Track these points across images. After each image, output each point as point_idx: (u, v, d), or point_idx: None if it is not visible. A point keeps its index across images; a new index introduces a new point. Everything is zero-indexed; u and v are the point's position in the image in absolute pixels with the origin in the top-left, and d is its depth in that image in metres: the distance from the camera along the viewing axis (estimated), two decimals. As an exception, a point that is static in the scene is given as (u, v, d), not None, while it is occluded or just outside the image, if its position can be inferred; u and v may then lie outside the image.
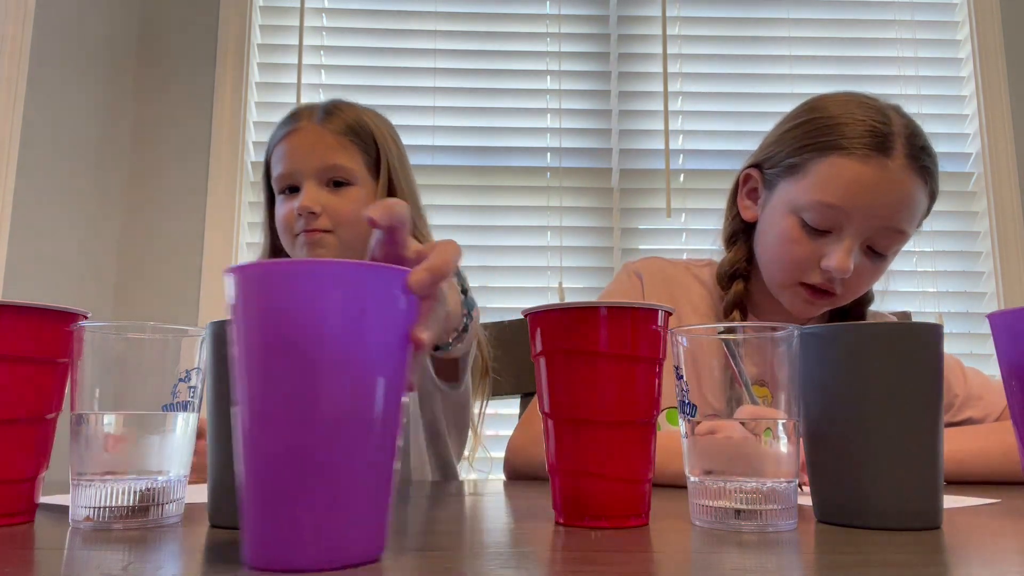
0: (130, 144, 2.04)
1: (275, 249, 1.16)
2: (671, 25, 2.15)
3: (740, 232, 1.05)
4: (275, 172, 1.09)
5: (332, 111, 1.10)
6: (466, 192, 2.07)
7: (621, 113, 2.11)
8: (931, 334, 0.53)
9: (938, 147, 0.93)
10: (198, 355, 0.55)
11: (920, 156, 0.92)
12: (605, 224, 2.09)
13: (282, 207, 1.08)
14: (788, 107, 1.04)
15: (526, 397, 1.29)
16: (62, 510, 0.56)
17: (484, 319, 1.36)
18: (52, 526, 0.51)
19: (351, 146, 1.08)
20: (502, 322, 1.36)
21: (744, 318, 1.02)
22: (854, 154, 0.90)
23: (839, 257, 0.91)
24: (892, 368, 0.52)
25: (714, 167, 2.09)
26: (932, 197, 0.96)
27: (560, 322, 0.53)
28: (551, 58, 2.14)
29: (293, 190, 1.08)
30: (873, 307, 1.15)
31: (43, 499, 0.54)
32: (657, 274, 1.10)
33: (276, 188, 1.10)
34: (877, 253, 0.94)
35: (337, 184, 1.07)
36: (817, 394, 0.54)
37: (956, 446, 0.81)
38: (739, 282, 1.03)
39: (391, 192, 1.11)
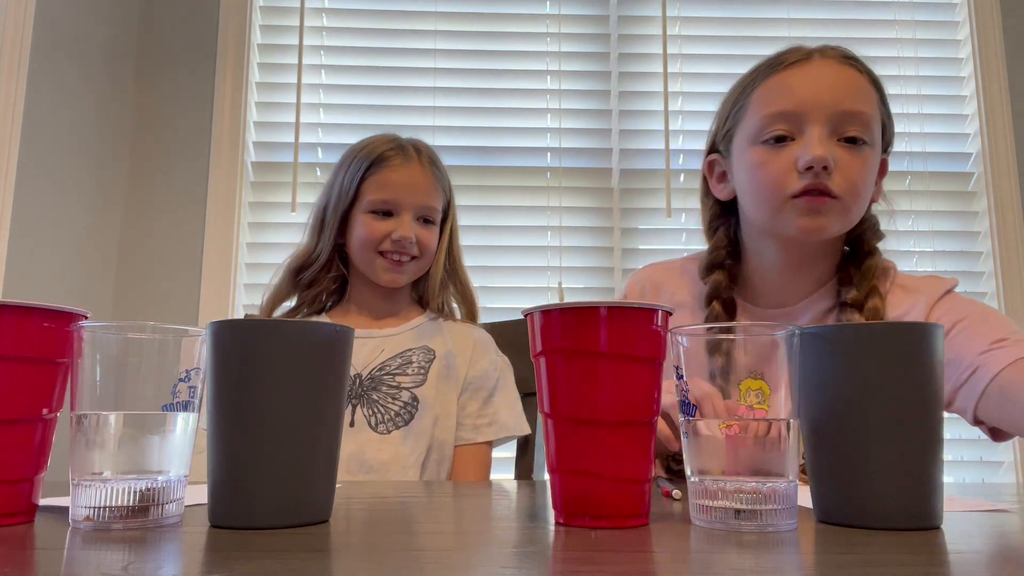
0: (130, 144, 2.04)
1: (313, 251, 1.25)
2: (671, 25, 2.14)
3: (718, 218, 1.07)
4: (374, 195, 1.21)
5: (429, 154, 1.25)
6: (466, 192, 2.07)
7: (621, 113, 2.11)
8: (931, 334, 0.53)
9: (938, 147, 0.92)
10: (198, 355, 0.55)
11: (838, 53, 0.97)
12: (605, 224, 2.09)
13: (376, 224, 1.21)
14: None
15: (526, 397, 1.29)
16: (62, 510, 0.56)
17: (484, 319, 1.37)
18: (52, 526, 0.51)
19: (439, 191, 1.24)
20: (502, 322, 1.36)
21: (731, 306, 1.01)
22: (780, 70, 0.97)
23: (812, 146, 0.91)
24: (892, 368, 0.52)
25: (714, 167, 2.09)
26: (876, 84, 0.98)
27: (560, 322, 0.53)
28: (551, 58, 2.14)
29: (386, 214, 1.21)
30: (903, 268, 1.05)
31: (43, 499, 0.54)
32: (645, 284, 1.13)
33: (368, 207, 1.21)
34: (850, 140, 0.93)
35: (425, 220, 1.23)
36: (817, 394, 0.54)
37: None
38: (718, 272, 1.02)
39: (449, 234, 1.28)
